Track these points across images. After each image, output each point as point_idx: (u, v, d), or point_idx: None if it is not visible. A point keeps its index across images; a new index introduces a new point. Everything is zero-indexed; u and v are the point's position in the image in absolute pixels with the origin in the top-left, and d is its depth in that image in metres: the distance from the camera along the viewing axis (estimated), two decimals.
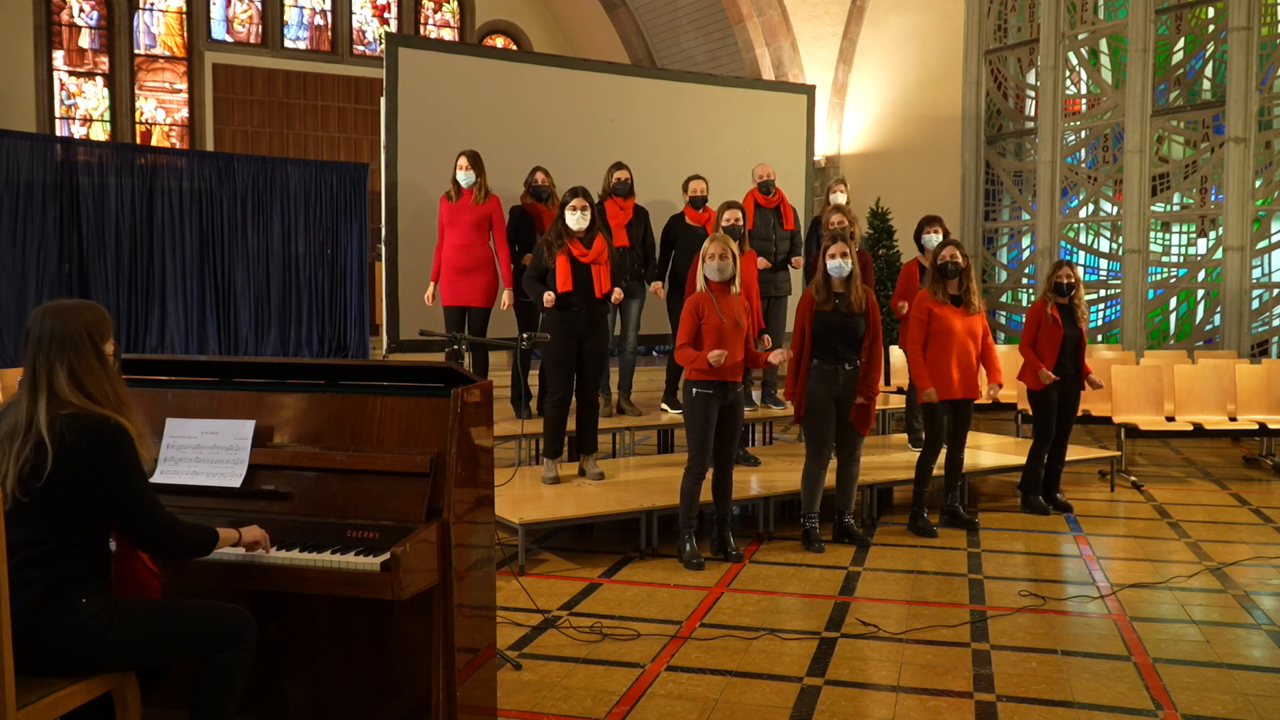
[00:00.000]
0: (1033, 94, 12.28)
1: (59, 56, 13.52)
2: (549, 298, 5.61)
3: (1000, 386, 5.82)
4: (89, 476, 2.32)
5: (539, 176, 6.74)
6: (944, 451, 5.82)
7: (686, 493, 5.07)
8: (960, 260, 5.66)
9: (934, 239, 6.46)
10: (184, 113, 14.26)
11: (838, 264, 5.18)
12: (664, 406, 7.12)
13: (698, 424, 4.99)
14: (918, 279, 6.42)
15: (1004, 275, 12.63)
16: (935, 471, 5.82)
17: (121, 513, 2.38)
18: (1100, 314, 11.55)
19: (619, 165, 6.71)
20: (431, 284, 6.63)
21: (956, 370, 5.63)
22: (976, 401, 5.86)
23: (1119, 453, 7.34)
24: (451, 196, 6.54)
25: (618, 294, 5.75)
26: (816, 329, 5.21)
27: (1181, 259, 11.14)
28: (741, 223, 6.09)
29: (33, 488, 2.28)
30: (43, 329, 2.37)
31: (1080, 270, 6.36)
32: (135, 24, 13.87)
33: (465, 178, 6.46)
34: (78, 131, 13.63)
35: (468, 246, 6.46)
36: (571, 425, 5.97)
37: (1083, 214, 11.86)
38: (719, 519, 5.24)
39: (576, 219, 5.63)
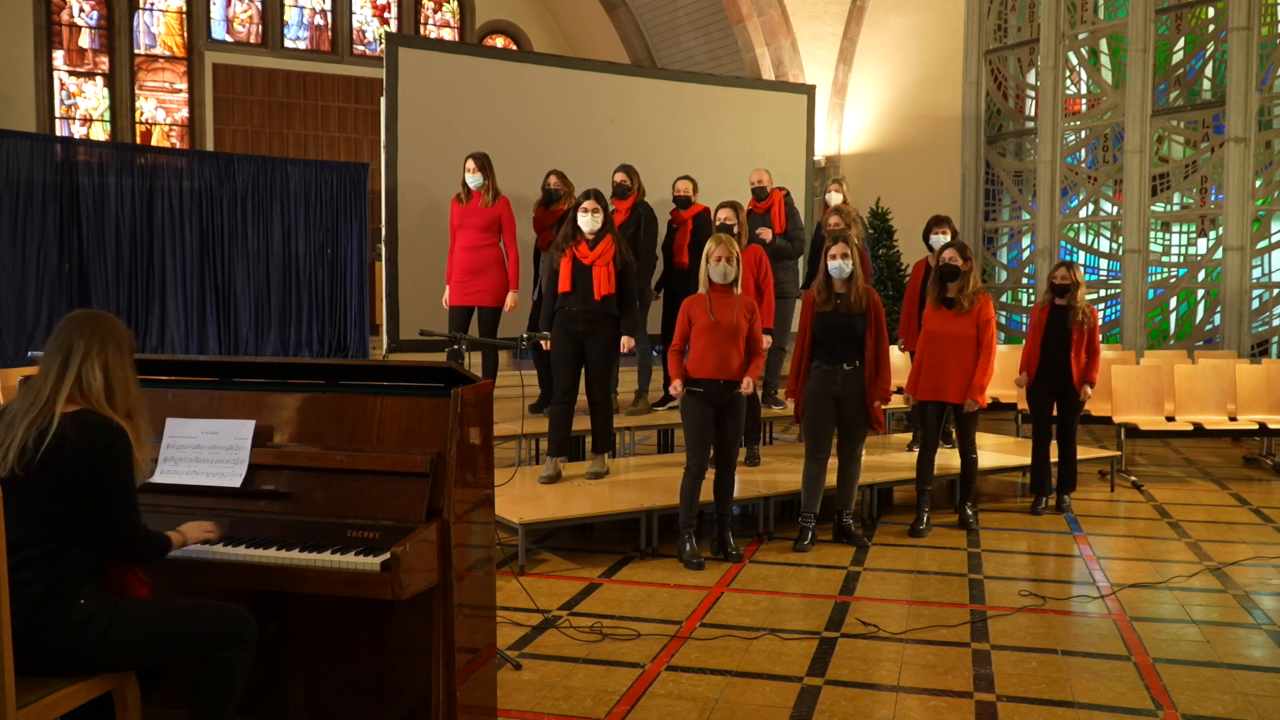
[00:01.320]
0: (1033, 94, 12.28)
1: (59, 56, 13.52)
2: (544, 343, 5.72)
3: (976, 402, 5.57)
4: (86, 475, 2.33)
5: (551, 180, 6.76)
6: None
7: (686, 493, 5.07)
8: (959, 263, 5.64)
9: (941, 239, 6.46)
10: (184, 113, 14.27)
11: (838, 265, 5.18)
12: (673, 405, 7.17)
13: (692, 424, 5.01)
14: (920, 278, 6.44)
15: (1004, 275, 12.63)
16: (937, 472, 5.83)
17: (103, 513, 2.38)
18: (1100, 314, 11.55)
19: (618, 168, 6.76)
20: (447, 287, 6.68)
21: (951, 373, 5.61)
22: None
23: (1119, 453, 7.34)
24: (461, 199, 6.58)
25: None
26: (816, 329, 5.24)
27: (1181, 259, 11.14)
28: (735, 221, 6.08)
29: (30, 466, 2.29)
30: (89, 319, 2.44)
31: (1081, 271, 6.32)
32: (135, 24, 13.87)
33: (473, 180, 6.49)
34: (78, 131, 13.63)
35: (478, 248, 6.51)
36: (585, 424, 6.02)
37: (1083, 214, 11.86)
38: (719, 519, 5.23)
39: (588, 220, 5.64)
